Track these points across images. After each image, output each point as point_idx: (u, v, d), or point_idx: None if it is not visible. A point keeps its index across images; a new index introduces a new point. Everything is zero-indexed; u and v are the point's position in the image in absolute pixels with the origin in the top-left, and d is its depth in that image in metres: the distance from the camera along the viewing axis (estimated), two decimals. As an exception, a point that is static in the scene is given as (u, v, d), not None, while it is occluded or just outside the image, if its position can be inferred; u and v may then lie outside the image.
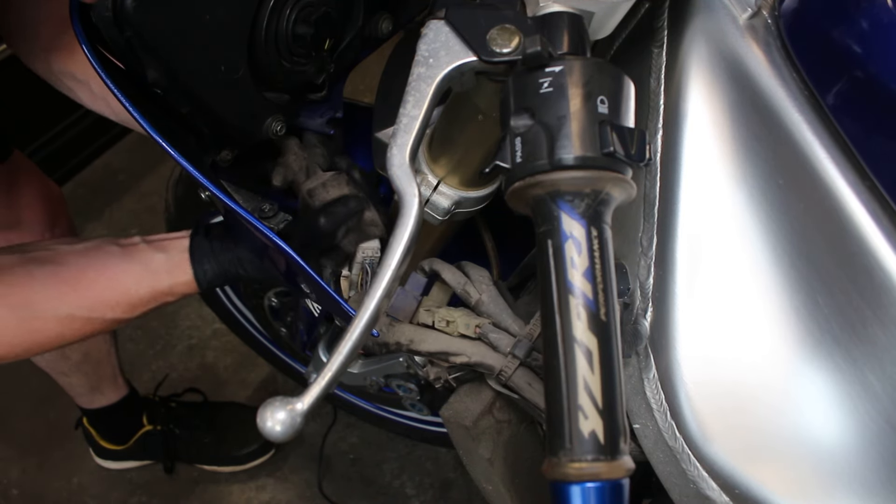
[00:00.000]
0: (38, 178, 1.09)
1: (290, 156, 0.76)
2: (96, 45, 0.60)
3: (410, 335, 0.69)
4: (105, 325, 0.73)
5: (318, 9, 0.62)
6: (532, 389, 0.66)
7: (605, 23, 0.48)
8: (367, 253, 0.73)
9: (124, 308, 0.72)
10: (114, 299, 0.71)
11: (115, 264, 0.72)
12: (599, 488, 0.38)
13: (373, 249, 0.73)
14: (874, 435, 0.47)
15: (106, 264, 0.71)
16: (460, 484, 1.46)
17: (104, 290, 0.71)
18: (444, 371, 0.72)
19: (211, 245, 0.73)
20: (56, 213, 1.11)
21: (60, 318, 0.70)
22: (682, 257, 0.52)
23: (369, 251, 0.73)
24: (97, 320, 0.71)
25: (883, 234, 0.45)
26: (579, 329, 0.40)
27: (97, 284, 0.70)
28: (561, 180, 0.41)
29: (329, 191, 0.72)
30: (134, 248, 0.73)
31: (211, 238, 0.74)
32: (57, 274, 0.70)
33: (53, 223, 1.09)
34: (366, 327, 0.46)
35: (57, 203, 1.12)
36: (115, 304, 0.71)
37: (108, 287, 0.71)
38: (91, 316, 0.71)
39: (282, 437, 0.44)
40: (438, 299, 0.74)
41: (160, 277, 0.72)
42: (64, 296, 0.69)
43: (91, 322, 0.71)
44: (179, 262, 0.73)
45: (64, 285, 0.69)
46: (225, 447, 1.47)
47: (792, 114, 0.48)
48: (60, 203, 1.14)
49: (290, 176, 0.75)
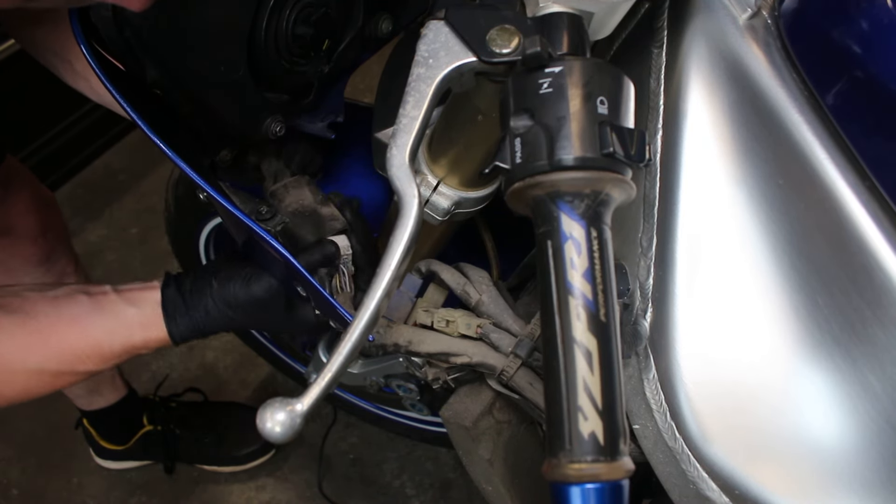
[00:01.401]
0: (31, 184, 1.08)
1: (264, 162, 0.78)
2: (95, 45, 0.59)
3: (409, 336, 0.69)
4: (75, 377, 0.71)
5: (318, 9, 0.62)
6: (533, 389, 0.66)
7: (605, 23, 0.48)
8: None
9: (95, 361, 0.70)
10: (84, 353, 0.69)
11: (86, 316, 0.70)
12: (599, 489, 0.38)
13: (342, 248, 0.73)
14: (874, 435, 0.47)
15: (76, 316, 0.69)
16: (460, 484, 1.46)
17: (75, 344, 0.69)
18: (442, 372, 0.72)
19: (183, 298, 0.72)
20: (48, 219, 1.10)
21: (29, 372, 0.68)
22: (682, 258, 0.52)
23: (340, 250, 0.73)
24: (67, 373, 0.70)
25: (883, 235, 0.45)
26: (579, 330, 0.40)
27: (68, 337, 0.69)
28: (561, 181, 0.41)
29: (290, 192, 0.75)
30: (105, 299, 0.71)
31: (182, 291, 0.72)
32: (25, 325, 0.68)
33: (46, 229, 1.09)
34: (366, 328, 0.46)
35: (50, 209, 1.11)
36: (85, 357, 0.70)
37: (79, 340, 0.69)
38: (60, 369, 0.69)
39: (281, 438, 0.44)
40: (434, 300, 0.73)
41: (133, 332, 0.71)
42: (33, 348, 0.67)
43: (60, 376, 0.70)
44: (153, 318, 0.71)
45: (33, 337, 0.67)
46: (225, 447, 1.47)
47: (792, 114, 0.48)
48: (53, 209, 1.13)
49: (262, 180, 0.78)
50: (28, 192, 1.06)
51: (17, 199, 1.04)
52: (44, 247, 1.09)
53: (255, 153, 0.79)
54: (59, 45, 0.77)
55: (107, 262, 1.84)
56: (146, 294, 0.73)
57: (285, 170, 0.79)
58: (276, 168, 0.79)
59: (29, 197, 1.06)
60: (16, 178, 1.04)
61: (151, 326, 0.71)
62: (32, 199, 1.06)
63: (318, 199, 0.77)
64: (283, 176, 0.79)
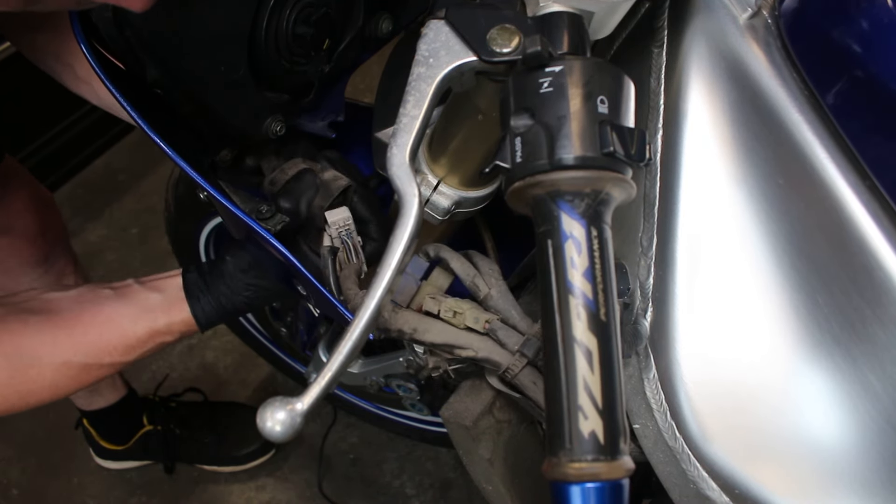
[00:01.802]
0: (30, 184, 1.08)
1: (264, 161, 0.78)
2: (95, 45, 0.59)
3: (414, 323, 0.68)
4: (102, 370, 0.71)
5: (318, 9, 0.62)
6: (536, 389, 0.65)
7: (606, 23, 0.48)
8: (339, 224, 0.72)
9: (121, 351, 0.71)
10: (111, 343, 0.70)
11: (109, 306, 0.70)
12: (599, 488, 0.38)
13: (342, 220, 0.72)
14: (874, 435, 0.47)
15: (101, 307, 0.70)
16: (460, 484, 1.46)
17: (100, 334, 0.69)
18: (443, 362, 0.71)
19: (205, 280, 0.73)
20: (47, 220, 1.10)
21: (56, 366, 0.68)
22: (682, 257, 0.52)
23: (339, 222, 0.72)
24: (94, 366, 0.70)
25: (883, 234, 0.45)
26: (579, 329, 0.40)
27: (93, 328, 0.69)
28: (561, 180, 0.41)
29: (286, 172, 0.74)
30: (128, 290, 0.72)
31: (203, 274, 0.73)
32: (51, 320, 0.68)
33: (44, 229, 1.09)
34: (366, 327, 0.46)
35: (48, 209, 1.11)
36: (111, 348, 0.70)
37: (105, 330, 0.70)
38: (87, 362, 0.70)
39: (281, 438, 0.44)
40: (439, 284, 0.72)
41: (157, 316, 0.71)
42: (59, 341, 0.68)
43: (87, 368, 0.70)
44: (176, 300, 0.72)
45: (58, 330, 0.68)
46: (225, 447, 1.47)
47: (792, 114, 0.48)
48: (52, 209, 1.13)
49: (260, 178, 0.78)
50: (26, 193, 1.06)
51: (16, 199, 1.04)
52: (42, 247, 1.09)
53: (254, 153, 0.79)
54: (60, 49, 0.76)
55: (107, 262, 1.84)
56: (169, 280, 0.74)
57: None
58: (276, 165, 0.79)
59: (27, 197, 1.05)
60: (14, 179, 1.04)
61: (174, 308, 0.72)
62: (31, 200, 1.06)
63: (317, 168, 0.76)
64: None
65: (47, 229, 1.09)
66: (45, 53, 0.78)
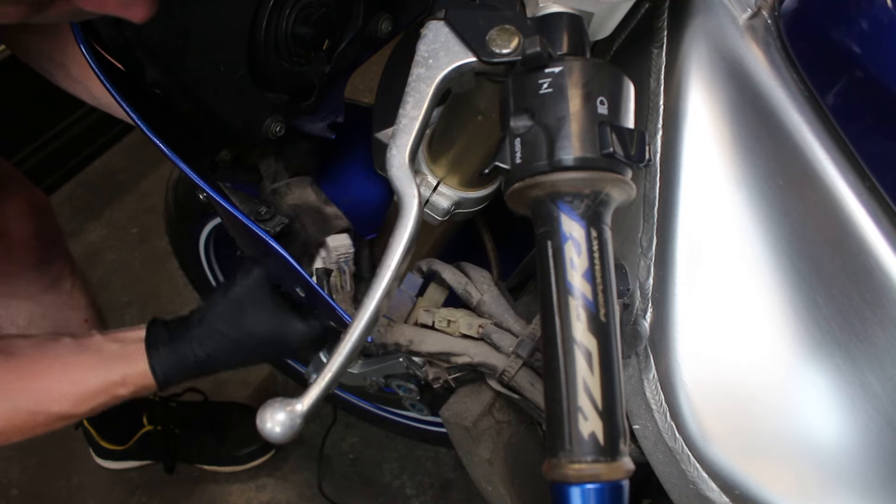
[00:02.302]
0: (24, 188, 1.07)
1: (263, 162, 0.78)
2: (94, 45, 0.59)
3: (410, 336, 0.69)
4: (49, 420, 0.69)
5: (318, 9, 0.62)
6: (534, 390, 0.66)
7: (605, 23, 0.48)
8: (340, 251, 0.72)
9: (72, 401, 0.68)
10: (61, 391, 0.68)
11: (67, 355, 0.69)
12: (599, 489, 0.38)
13: (344, 247, 0.72)
14: (874, 435, 0.47)
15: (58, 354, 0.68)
16: (460, 484, 1.46)
17: (52, 381, 0.67)
18: (443, 371, 0.72)
19: (168, 332, 0.70)
20: (43, 223, 1.09)
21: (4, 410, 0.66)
22: (681, 258, 0.52)
23: (341, 248, 0.72)
24: (41, 414, 0.68)
25: (883, 235, 0.45)
26: (579, 330, 0.40)
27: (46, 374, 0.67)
28: (560, 181, 0.41)
29: (293, 190, 0.75)
30: (89, 340, 0.71)
31: (168, 325, 0.71)
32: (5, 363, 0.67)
33: (40, 232, 1.08)
34: (366, 328, 0.46)
35: (44, 212, 1.10)
36: (61, 397, 0.68)
37: (57, 378, 0.68)
38: (35, 409, 0.67)
39: (281, 439, 0.44)
40: (434, 299, 0.73)
41: (112, 366, 0.69)
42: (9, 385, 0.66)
43: (34, 416, 0.68)
44: (134, 351, 0.69)
45: (10, 374, 0.66)
46: (225, 447, 1.47)
47: (792, 114, 0.48)
48: (47, 212, 1.12)
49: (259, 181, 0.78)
50: (21, 196, 1.05)
51: (10, 202, 1.03)
52: (38, 250, 1.08)
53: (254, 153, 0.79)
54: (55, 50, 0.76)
55: (107, 262, 1.84)
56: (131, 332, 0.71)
57: (284, 171, 0.80)
58: (276, 169, 0.79)
59: (22, 200, 1.05)
60: (9, 182, 1.03)
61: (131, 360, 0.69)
62: (26, 203, 1.05)
63: (322, 199, 0.77)
64: (282, 176, 0.79)
65: (43, 232, 1.09)
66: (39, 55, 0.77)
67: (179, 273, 1.57)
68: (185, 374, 0.70)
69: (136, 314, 1.71)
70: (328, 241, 0.72)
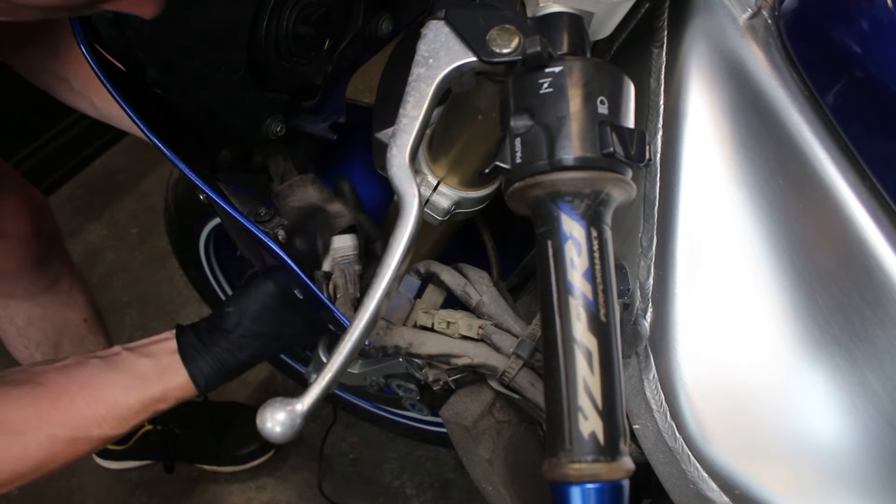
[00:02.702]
0: (22, 188, 1.07)
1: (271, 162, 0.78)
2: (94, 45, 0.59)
3: (410, 338, 0.69)
4: (91, 444, 0.67)
5: (318, 9, 0.62)
6: (535, 390, 0.66)
7: (605, 23, 0.48)
8: (341, 252, 0.72)
9: (112, 423, 0.67)
10: (100, 414, 0.66)
11: (97, 376, 0.67)
12: (599, 489, 0.38)
13: (346, 248, 0.72)
14: (874, 435, 0.47)
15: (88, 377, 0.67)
16: (460, 484, 1.46)
17: (88, 405, 0.65)
18: (443, 373, 0.72)
19: (200, 339, 0.69)
20: (40, 223, 1.08)
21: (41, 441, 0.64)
22: (681, 257, 0.52)
23: (343, 250, 0.72)
24: (82, 440, 0.66)
25: (883, 234, 0.45)
26: (579, 330, 0.40)
27: (80, 399, 0.65)
28: (561, 181, 0.41)
29: (295, 191, 0.75)
30: (116, 358, 0.69)
31: (199, 333, 0.69)
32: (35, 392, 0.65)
33: (38, 232, 1.07)
34: (366, 328, 0.46)
35: (42, 212, 1.10)
36: (101, 420, 0.66)
37: (93, 401, 0.66)
38: (75, 435, 0.65)
39: (281, 438, 0.44)
40: (433, 301, 0.73)
41: (150, 383, 0.67)
42: (44, 414, 0.64)
43: (75, 443, 0.66)
44: (170, 364, 0.68)
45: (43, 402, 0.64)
46: (225, 447, 1.47)
47: (792, 114, 0.48)
48: (45, 212, 1.11)
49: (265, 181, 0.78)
50: (19, 196, 1.04)
51: (8, 202, 1.02)
52: (36, 250, 1.08)
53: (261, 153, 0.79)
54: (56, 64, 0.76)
55: (107, 262, 1.84)
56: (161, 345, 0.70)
57: (293, 170, 0.79)
58: (284, 168, 0.78)
59: (20, 200, 1.04)
60: (6, 182, 1.03)
61: (169, 373, 0.68)
62: (24, 203, 1.05)
63: (324, 197, 0.76)
64: (291, 176, 0.78)
65: (41, 232, 1.08)
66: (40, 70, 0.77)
67: (179, 273, 1.57)
68: (226, 378, 0.70)
69: (136, 314, 1.71)
70: (333, 241, 0.72)
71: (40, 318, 1.15)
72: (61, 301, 1.17)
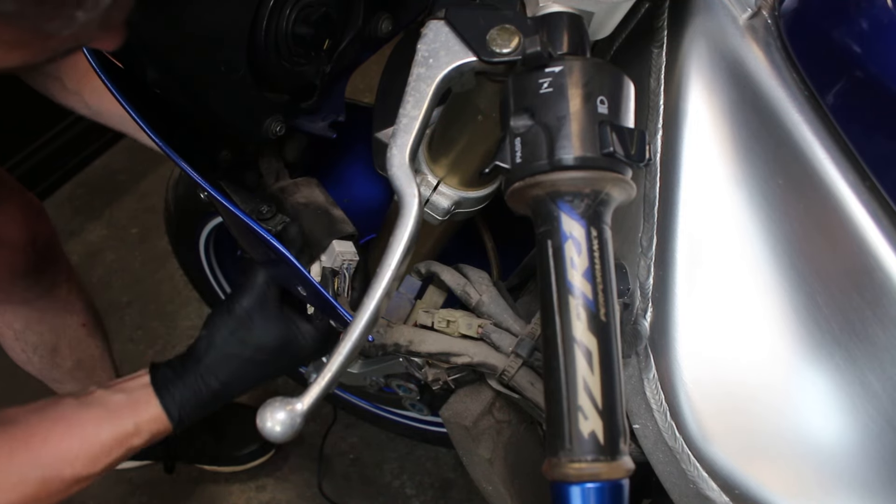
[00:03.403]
0: (17, 193, 1.06)
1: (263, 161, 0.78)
2: None
3: (410, 336, 0.69)
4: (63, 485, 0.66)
5: (318, 9, 0.62)
6: (534, 389, 0.66)
7: (605, 23, 0.48)
8: (344, 257, 0.73)
9: (84, 461, 0.65)
10: (72, 452, 0.65)
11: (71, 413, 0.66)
12: (599, 489, 0.38)
13: (351, 253, 0.73)
14: (874, 435, 0.47)
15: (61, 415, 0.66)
16: (460, 484, 1.46)
17: (60, 443, 0.64)
18: (442, 372, 0.72)
19: (174, 371, 0.68)
20: (36, 229, 1.07)
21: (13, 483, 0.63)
22: (681, 257, 0.52)
23: (346, 255, 0.73)
24: (53, 480, 0.65)
25: (883, 234, 0.45)
26: (579, 329, 0.40)
27: (52, 436, 0.64)
28: (561, 181, 0.41)
29: (301, 190, 0.75)
30: (90, 396, 0.68)
31: (172, 365, 0.68)
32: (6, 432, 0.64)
33: (34, 238, 1.06)
34: (366, 327, 0.46)
35: (38, 218, 1.09)
36: (73, 458, 0.65)
37: (65, 438, 0.65)
38: (46, 475, 0.64)
39: (281, 438, 0.44)
40: (433, 302, 0.74)
41: (123, 417, 0.66)
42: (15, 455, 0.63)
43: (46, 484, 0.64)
44: (142, 397, 0.67)
45: (14, 442, 0.63)
46: (225, 447, 1.47)
47: (792, 114, 0.48)
48: (42, 218, 1.10)
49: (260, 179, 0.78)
50: (14, 201, 1.03)
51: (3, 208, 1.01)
52: (32, 256, 1.07)
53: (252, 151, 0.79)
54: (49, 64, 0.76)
55: (107, 262, 1.84)
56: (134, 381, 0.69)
57: (285, 169, 0.79)
58: (277, 167, 0.79)
59: (15, 206, 1.03)
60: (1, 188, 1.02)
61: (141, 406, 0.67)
62: (19, 208, 1.04)
63: (329, 201, 0.77)
64: (284, 175, 0.79)
65: (37, 238, 1.07)
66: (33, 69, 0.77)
67: (179, 273, 1.57)
68: (201, 409, 0.69)
69: (136, 314, 1.71)
70: (334, 244, 0.72)
71: (38, 323, 1.15)
72: (59, 306, 1.16)
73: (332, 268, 0.72)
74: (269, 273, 0.70)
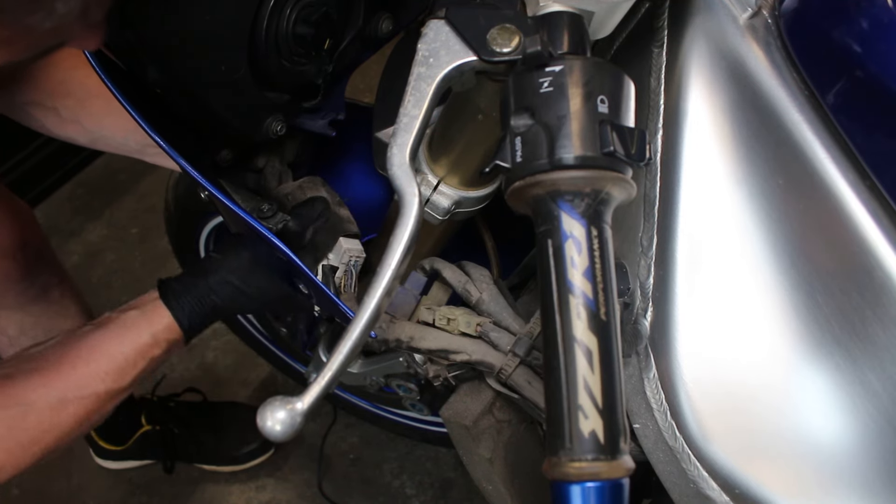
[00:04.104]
0: (6, 200, 1.05)
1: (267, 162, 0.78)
2: None
3: (410, 332, 0.69)
4: (100, 401, 0.70)
5: (319, 9, 0.62)
6: (532, 388, 0.66)
7: (606, 22, 0.48)
8: (351, 254, 0.73)
9: (114, 376, 0.70)
10: (101, 369, 0.69)
11: (91, 337, 0.70)
12: (599, 488, 0.38)
13: (357, 251, 0.73)
14: (874, 434, 0.47)
15: (82, 340, 0.70)
16: (460, 484, 1.46)
17: (88, 363, 0.69)
18: (443, 369, 0.72)
19: (182, 283, 0.72)
20: (26, 234, 1.07)
21: (53, 406, 0.67)
22: (682, 257, 0.52)
23: (353, 252, 0.73)
24: (90, 397, 0.69)
25: (883, 234, 0.45)
26: (579, 329, 0.40)
27: (80, 360, 0.69)
28: (561, 180, 0.41)
29: (305, 192, 0.75)
30: (106, 318, 0.72)
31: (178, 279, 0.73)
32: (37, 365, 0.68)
33: (23, 244, 1.06)
34: (366, 327, 0.46)
35: (27, 223, 1.09)
36: (104, 374, 0.69)
37: (92, 359, 0.69)
38: (82, 394, 0.69)
39: (282, 437, 0.44)
40: (438, 298, 0.74)
41: (139, 330, 0.70)
42: (50, 381, 0.67)
43: (84, 401, 0.69)
44: (154, 309, 0.71)
45: (47, 372, 0.68)
46: (225, 447, 1.47)
47: (792, 114, 0.48)
48: (31, 223, 1.10)
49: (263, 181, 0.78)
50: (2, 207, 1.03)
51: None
52: (22, 262, 1.07)
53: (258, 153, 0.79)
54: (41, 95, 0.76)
55: (107, 262, 1.84)
56: (145, 297, 0.73)
57: (288, 171, 0.79)
58: (280, 169, 0.79)
59: (3, 213, 1.03)
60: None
61: (154, 317, 0.71)
62: (7, 214, 1.04)
63: (335, 201, 0.77)
64: (287, 177, 0.79)
65: (27, 244, 1.07)
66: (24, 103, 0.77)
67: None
68: (206, 319, 0.73)
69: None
70: (342, 241, 0.72)
71: (32, 328, 1.15)
72: (53, 311, 1.16)
73: (331, 265, 0.72)
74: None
